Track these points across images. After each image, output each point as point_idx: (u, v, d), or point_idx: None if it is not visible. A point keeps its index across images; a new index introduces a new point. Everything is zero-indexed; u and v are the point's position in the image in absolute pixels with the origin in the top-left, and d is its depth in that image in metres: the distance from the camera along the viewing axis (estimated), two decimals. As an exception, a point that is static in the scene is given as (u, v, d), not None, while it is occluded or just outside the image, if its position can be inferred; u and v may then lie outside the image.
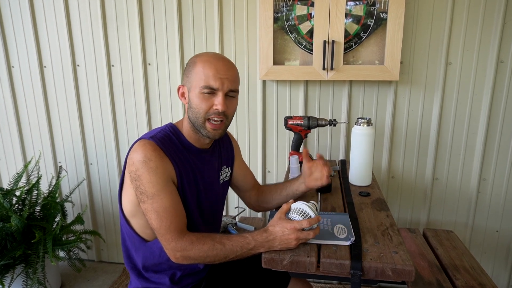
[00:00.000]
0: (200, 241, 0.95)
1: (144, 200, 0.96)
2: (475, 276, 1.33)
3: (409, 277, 0.87)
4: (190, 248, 0.95)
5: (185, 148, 1.05)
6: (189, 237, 0.96)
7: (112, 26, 1.96)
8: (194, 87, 1.00)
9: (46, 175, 2.23)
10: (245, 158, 2.00)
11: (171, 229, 0.95)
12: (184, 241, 0.95)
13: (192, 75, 1.01)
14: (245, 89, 1.91)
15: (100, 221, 2.28)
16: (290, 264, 0.92)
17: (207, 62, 0.99)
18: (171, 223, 0.96)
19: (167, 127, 1.06)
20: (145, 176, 0.94)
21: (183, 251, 0.95)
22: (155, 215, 0.95)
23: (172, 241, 0.95)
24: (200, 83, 0.98)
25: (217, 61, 0.99)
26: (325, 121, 1.54)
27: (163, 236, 0.96)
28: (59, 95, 2.10)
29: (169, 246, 0.96)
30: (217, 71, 0.98)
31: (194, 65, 1.00)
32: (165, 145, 0.99)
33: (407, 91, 1.78)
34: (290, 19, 1.73)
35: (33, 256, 1.75)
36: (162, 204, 0.95)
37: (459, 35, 1.68)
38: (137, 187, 0.96)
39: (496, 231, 1.86)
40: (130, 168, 0.96)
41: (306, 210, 0.95)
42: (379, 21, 1.66)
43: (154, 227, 0.97)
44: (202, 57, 1.01)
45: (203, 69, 0.99)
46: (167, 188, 0.96)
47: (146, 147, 0.95)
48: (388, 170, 1.88)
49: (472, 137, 1.78)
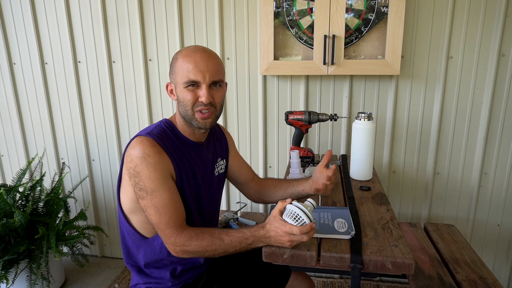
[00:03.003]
0: (199, 237, 0.96)
1: (143, 196, 0.96)
2: (476, 270, 1.33)
3: (409, 270, 0.87)
4: (189, 243, 0.95)
5: (182, 142, 1.06)
6: (188, 232, 0.97)
7: (112, 22, 1.96)
8: (178, 83, 1.01)
9: (49, 171, 2.25)
10: (246, 153, 2.01)
11: (170, 224, 0.96)
12: (183, 236, 0.96)
13: (175, 71, 1.02)
14: (246, 85, 1.91)
15: (103, 216, 2.29)
16: (291, 258, 0.93)
17: (186, 57, 0.99)
18: (170, 218, 0.96)
19: (162, 122, 1.06)
20: (144, 172, 0.94)
21: (182, 246, 0.96)
22: (154, 210, 0.96)
23: (171, 236, 0.96)
24: (183, 79, 0.99)
25: (195, 54, 0.99)
26: (326, 116, 1.54)
27: (163, 231, 0.97)
28: (60, 91, 2.11)
29: (168, 240, 0.96)
30: (196, 65, 0.98)
31: (176, 61, 1.01)
32: (163, 141, 0.99)
33: (408, 85, 1.77)
34: (290, 13, 1.73)
35: (37, 251, 1.77)
36: (162, 200, 0.96)
37: (460, 29, 1.67)
38: (136, 183, 0.96)
39: (498, 225, 1.86)
40: (129, 164, 0.96)
41: (300, 216, 0.89)
42: (380, 15, 1.66)
43: (154, 222, 0.97)
44: (182, 52, 1.01)
45: (183, 64, 0.99)
46: (166, 184, 0.97)
47: (144, 143, 0.95)
48: (389, 164, 1.88)
49: (473, 131, 1.77)
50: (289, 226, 0.89)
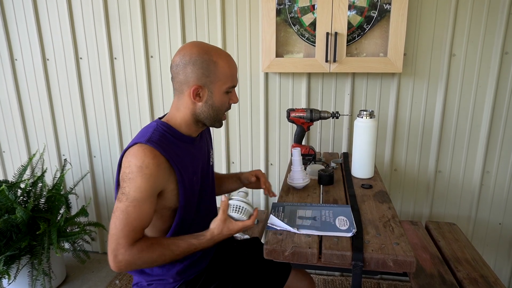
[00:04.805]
0: (150, 249, 0.94)
1: (122, 200, 0.93)
2: (477, 268, 1.33)
3: (410, 268, 0.87)
4: (139, 256, 0.93)
5: (182, 140, 1.04)
6: (140, 245, 0.94)
7: (114, 19, 1.95)
8: (219, 88, 1.01)
9: (50, 167, 2.25)
10: (248, 151, 2.01)
11: (130, 237, 0.92)
12: (135, 249, 0.93)
13: (215, 75, 0.99)
14: (248, 82, 1.91)
15: (104, 213, 2.30)
16: (292, 255, 0.93)
17: (227, 62, 1.01)
18: (133, 232, 0.93)
19: (159, 125, 1.02)
20: (136, 181, 0.91)
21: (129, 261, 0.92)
22: (123, 216, 0.92)
23: (122, 247, 0.92)
24: (226, 84, 1.01)
25: (230, 59, 1.03)
26: (328, 113, 1.53)
27: (118, 239, 0.92)
28: (62, 88, 2.11)
29: (118, 251, 0.92)
30: (235, 70, 1.04)
31: (216, 65, 0.98)
32: (164, 147, 0.96)
33: (410, 83, 1.77)
34: (292, 11, 1.72)
35: (38, 247, 1.77)
36: (137, 211, 0.92)
37: (463, 26, 1.66)
38: (122, 187, 0.93)
39: (499, 223, 1.86)
40: (125, 170, 0.93)
41: (243, 206, 1.01)
42: (382, 13, 1.65)
43: (114, 226, 0.93)
44: (221, 56, 1.00)
45: (228, 69, 1.00)
46: (150, 199, 0.94)
47: (146, 154, 0.92)
48: (390, 162, 1.88)
49: (475, 129, 1.77)
50: (241, 223, 1.00)
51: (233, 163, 2.05)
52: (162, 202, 1.00)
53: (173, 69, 1.01)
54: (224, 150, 2.02)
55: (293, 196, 1.26)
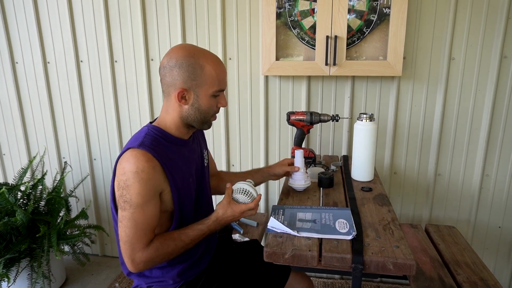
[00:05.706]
0: (164, 246, 0.98)
1: (125, 208, 0.94)
2: (477, 272, 1.33)
3: (410, 271, 0.87)
4: (156, 254, 0.96)
5: (174, 143, 1.04)
6: (154, 244, 0.97)
7: (115, 22, 1.96)
8: (205, 91, 1.00)
9: (50, 170, 2.25)
10: (248, 154, 2.01)
11: (143, 240, 0.95)
12: (151, 249, 0.96)
13: (201, 78, 0.99)
14: (248, 85, 1.91)
15: (104, 215, 2.30)
16: (292, 258, 0.93)
17: (214, 65, 1.00)
18: (145, 234, 0.95)
19: (150, 130, 1.02)
20: (135, 186, 0.92)
21: (148, 261, 0.96)
22: (132, 223, 0.94)
23: (139, 251, 0.95)
24: (213, 87, 1.01)
25: (219, 63, 1.02)
26: (328, 116, 1.54)
27: (133, 245, 0.94)
28: (62, 91, 2.11)
29: (135, 255, 0.95)
30: (224, 73, 1.03)
31: (203, 69, 0.98)
32: (157, 151, 0.96)
33: (410, 86, 1.77)
34: (292, 14, 1.73)
35: (38, 250, 1.77)
36: (143, 215, 0.94)
37: (463, 30, 1.67)
38: (122, 195, 0.94)
39: (499, 227, 1.86)
40: (120, 177, 0.93)
41: (248, 189, 1.07)
42: (382, 16, 1.66)
43: (125, 234, 0.95)
44: (207, 60, 0.99)
45: (213, 72, 0.99)
46: (153, 201, 0.95)
47: (139, 158, 0.92)
48: (390, 166, 1.88)
49: (475, 133, 1.77)
50: (244, 205, 1.05)
51: (233, 165, 2.05)
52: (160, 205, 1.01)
53: (161, 71, 1.02)
54: (224, 153, 2.03)
55: (293, 199, 1.27)
